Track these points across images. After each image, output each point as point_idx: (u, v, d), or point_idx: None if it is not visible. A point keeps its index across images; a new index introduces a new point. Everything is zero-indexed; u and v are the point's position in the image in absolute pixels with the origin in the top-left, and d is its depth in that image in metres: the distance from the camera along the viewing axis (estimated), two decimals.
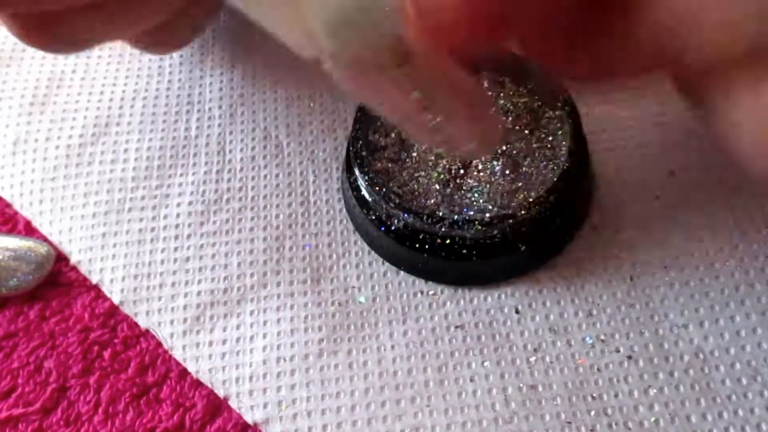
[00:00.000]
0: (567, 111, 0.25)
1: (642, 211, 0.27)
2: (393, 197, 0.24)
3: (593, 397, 0.23)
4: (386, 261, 0.27)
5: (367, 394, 0.24)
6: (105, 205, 0.29)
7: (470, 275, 0.26)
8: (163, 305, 0.26)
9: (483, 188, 0.24)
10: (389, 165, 0.25)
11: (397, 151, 0.26)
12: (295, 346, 0.25)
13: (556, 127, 0.25)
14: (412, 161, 0.25)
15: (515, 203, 0.24)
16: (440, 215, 0.24)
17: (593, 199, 0.27)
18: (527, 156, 0.25)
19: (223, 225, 0.28)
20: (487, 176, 0.25)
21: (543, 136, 0.25)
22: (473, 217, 0.24)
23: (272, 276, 0.27)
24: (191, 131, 0.31)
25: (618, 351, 0.24)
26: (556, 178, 0.24)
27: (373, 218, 0.26)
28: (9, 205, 0.29)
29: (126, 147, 0.30)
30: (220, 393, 0.24)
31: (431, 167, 0.25)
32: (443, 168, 0.25)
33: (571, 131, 0.25)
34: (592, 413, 0.23)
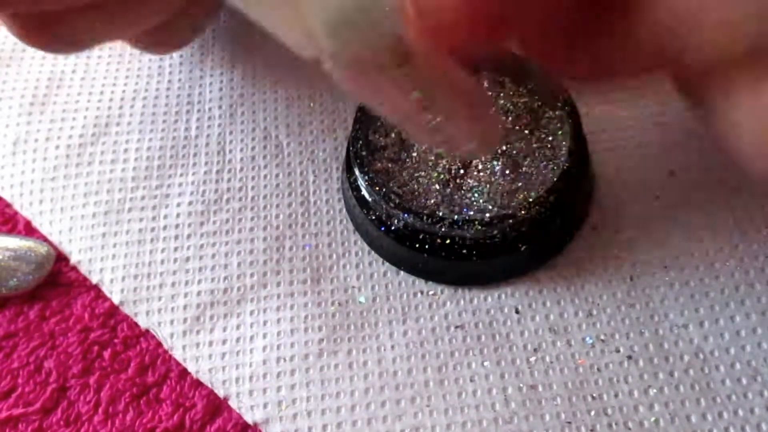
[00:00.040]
0: (567, 111, 0.25)
1: (642, 211, 0.27)
2: (393, 197, 0.24)
3: (593, 397, 0.23)
4: (386, 261, 0.27)
5: (367, 394, 0.24)
6: (105, 205, 0.29)
7: (470, 275, 0.26)
8: (163, 305, 0.26)
9: (483, 188, 0.24)
10: (389, 165, 0.25)
11: (397, 151, 0.26)
12: (295, 346, 0.25)
13: (556, 127, 0.25)
14: (412, 161, 0.25)
15: (515, 203, 0.24)
16: (440, 215, 0.24)
17: (593, 199, 0.27)
18: (527, 156, 0.25)
19: (223, 225, 0.28)
20: (487, 176, 0.25)
21: (543, 136, 0.25)
22: (473, 217, 0.24)
23: (272, 276, 0.27)
24: (191, 131, 0.31)
25: (618, 351, 0.24)
26: (556, 178, 0.24)
27: (373, 218, 0.26)
28: (9, 205, 0.29)
29: (126, 147, 0.30)
30: (220, 393, 0.24)
31: (431, 167, 0.25)
32: (443, 168, 0.25)
33: (571, 131, 0.25)
34: (592, 413, 0.23)
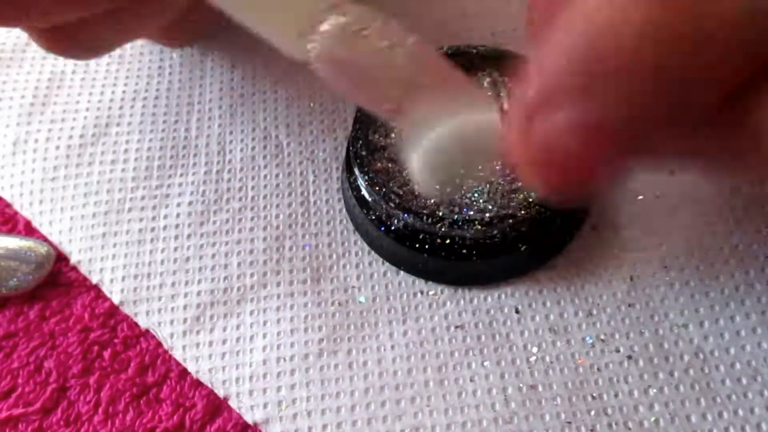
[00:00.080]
0: None
1: (642, 211, 0.27)
2: (393, 197, 0.24)
3: (593, 397, 0.23)
4: (386, 261, 0.26)
5: (367, 394, 0.24)
6: (105, 205, 0.29)
7: (470, 275, 0.26)
8: (163, 305, 0.26)
9: (483, 188, 0.24)
10: (389, 165, 0.25)
11: (397, 151, 0.26)
12: (295, 346, 0.25)
13: None
14: None
15: (515, 203, 0.24)
16: (440, 215, 0.24)
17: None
18: None
19: (223, 225, 0.28)
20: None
21: None
22: (473, 217, 0.24)
23: (272, 276, 0.27)
24: (191, 131, 0.31)
25: (618, 351, 0.24)
26: None
27: (373, 218, 0.26)
28: (9, 205, 0.29)
29: (126, 147, 0.30)
30: (220, 393, 0.24)
31: None
32: None
33: None
34: (592, 413, 0.23)
